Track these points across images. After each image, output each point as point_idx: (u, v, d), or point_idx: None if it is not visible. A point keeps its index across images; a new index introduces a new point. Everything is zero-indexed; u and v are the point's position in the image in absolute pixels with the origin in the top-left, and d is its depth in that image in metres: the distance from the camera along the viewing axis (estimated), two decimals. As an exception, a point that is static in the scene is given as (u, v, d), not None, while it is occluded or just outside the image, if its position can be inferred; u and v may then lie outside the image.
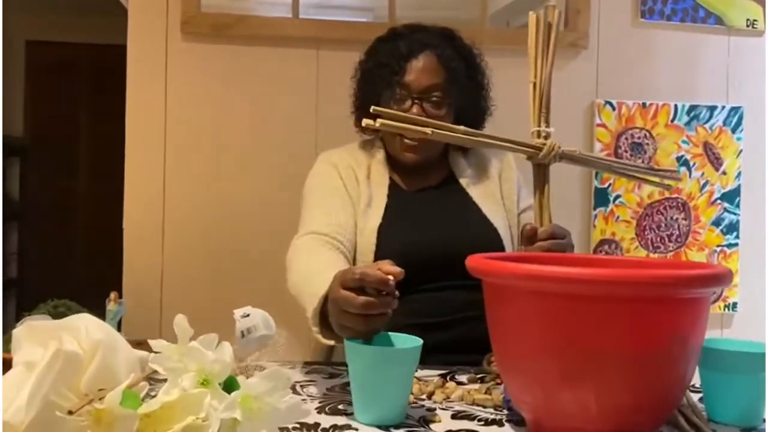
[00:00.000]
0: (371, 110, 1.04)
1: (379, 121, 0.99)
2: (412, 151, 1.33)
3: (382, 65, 1.32)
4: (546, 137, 1.10)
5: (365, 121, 1.00)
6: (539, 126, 1.10)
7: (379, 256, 1.24)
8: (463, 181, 1.39)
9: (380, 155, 1.39)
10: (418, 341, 0.88)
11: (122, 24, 1.87)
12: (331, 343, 0.98)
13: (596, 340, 0.73)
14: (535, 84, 1.11)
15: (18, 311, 3.89)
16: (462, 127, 1.10)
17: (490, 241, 1.29)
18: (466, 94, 1.35)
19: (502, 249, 1.30)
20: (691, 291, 0.75)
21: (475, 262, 0.83)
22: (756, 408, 0.90)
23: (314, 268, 1.08)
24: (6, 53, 3.37)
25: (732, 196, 2.09)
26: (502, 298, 0.81)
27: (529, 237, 1.09)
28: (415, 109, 1.30)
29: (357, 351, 0.86)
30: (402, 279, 1.09)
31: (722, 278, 0.76)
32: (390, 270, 0.86)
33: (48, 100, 4.32)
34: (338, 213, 1.27)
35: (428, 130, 1.02)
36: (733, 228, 2.09)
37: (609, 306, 0.73)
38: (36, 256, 4.25)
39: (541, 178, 1.11)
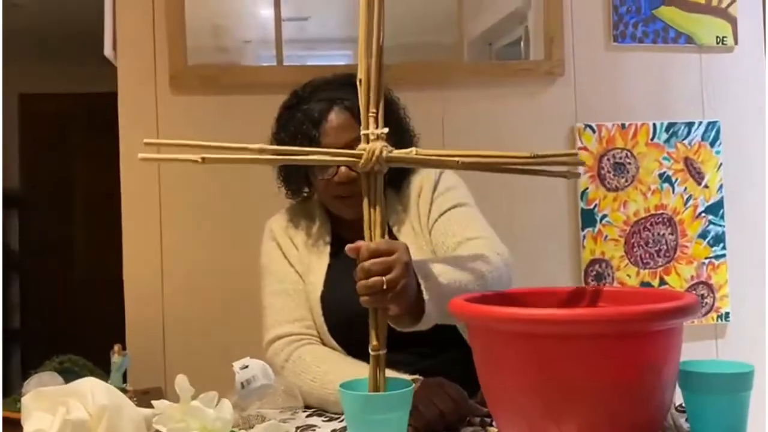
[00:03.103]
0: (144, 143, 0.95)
1: (145, 157, 0.91)
2: (350, 208, 1.27)
3: (297, 135, 1.27)
4: (378, 139, 0.95)
5: (141, 156, 0.92)
6: (368, 129, 0.95)
7: (329, 323, 1.27)
8: (394, 228, 1.33)
9: (319, 213, 1.37)
10: (409, 384, 0.92)
11: (113, 72, 1.93)
12: None
13: (574, 375, 0.78)
14: (361, 80, 0.95)
15: (23, 363, 3.92)
16: (258, 145, 0.93)
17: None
18: (387, 135, 1.18)
19: None
20: (661, 324, 0.79)
21: (455, 306, 0.87)
22: (738, 427, 0.94)
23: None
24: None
25: (716, 209, 2.14)
26: (484, 339, 0.85)
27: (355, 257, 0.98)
28: (342, 169, 1.24)
29: (350, 397, 0.90)
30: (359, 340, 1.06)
31: (690, 309, 0.81)
32: None
33: (43, 151, 4.39)
34: (295, 305, 1.30)
35: (198, 158, 0.90)
36: (719, 239, 2.14)
37: (583, 343, 0.77)
38: (38, 305, 4.29)
39: (371, 188, 0.95)
